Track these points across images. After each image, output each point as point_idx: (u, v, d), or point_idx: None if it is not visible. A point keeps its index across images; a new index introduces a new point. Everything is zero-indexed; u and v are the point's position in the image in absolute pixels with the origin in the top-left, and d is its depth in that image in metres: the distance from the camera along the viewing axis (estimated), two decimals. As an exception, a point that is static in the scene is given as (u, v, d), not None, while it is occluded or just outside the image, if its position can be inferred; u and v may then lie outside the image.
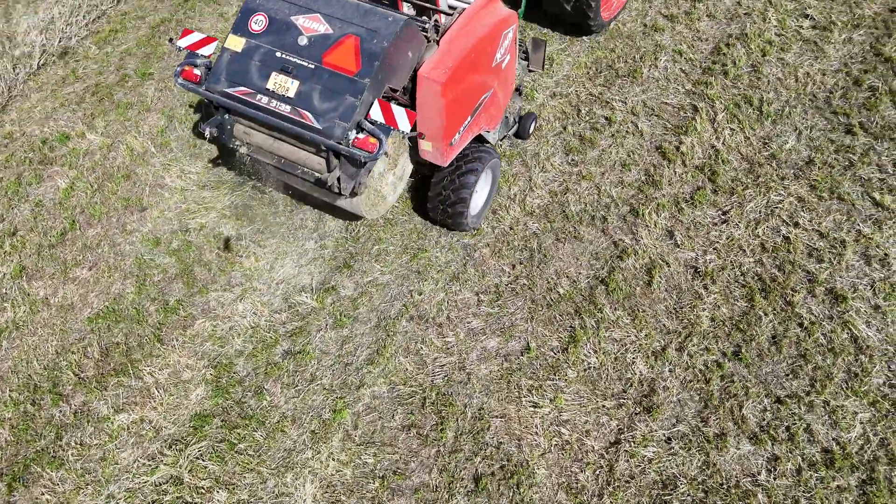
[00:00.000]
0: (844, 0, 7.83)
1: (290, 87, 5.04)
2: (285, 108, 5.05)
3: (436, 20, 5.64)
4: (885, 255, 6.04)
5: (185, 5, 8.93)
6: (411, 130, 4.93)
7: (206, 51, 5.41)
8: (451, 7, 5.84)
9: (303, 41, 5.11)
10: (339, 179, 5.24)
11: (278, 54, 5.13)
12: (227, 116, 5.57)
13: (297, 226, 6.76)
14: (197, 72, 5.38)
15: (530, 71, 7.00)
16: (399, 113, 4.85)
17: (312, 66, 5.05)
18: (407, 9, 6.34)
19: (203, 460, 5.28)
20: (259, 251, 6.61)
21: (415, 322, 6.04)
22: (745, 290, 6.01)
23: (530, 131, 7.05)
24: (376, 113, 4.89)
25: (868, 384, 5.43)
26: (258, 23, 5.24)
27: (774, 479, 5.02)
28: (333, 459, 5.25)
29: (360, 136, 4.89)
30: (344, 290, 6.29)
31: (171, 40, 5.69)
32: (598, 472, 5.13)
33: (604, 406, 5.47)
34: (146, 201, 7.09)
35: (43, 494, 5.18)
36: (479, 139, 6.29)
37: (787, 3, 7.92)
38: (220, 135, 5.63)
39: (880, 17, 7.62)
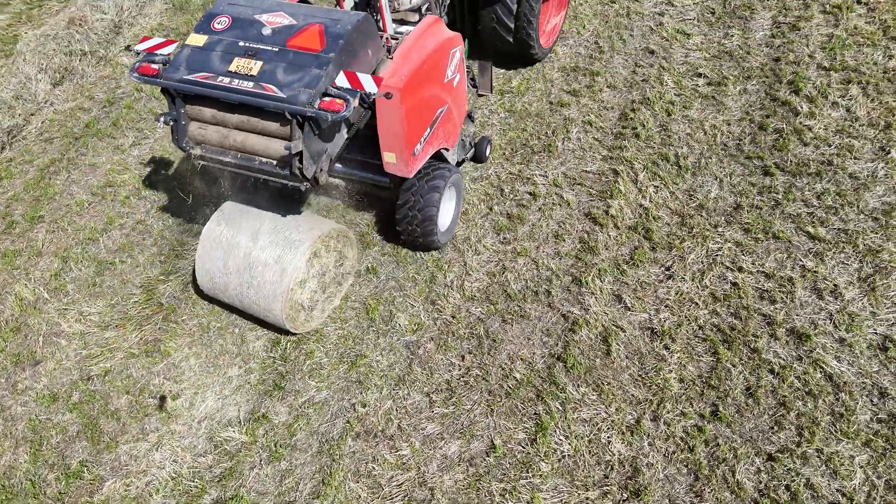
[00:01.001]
0: (731, 56, 8.20)
1: (253, 67, 4.88)
2: (248, 85, 4.82)
3: (386, 40, 5.78)
4: (835, 286, 5.89)
5: (76, 143, 8.44)
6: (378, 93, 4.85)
7: (164, 51, 5.14)
8: (397, 32, 6.05)
9: (266, 31, 5.04)
10: (301, 159, 4.89)
11: (241, 43, 5.02)
12: (182, 111, 5.19)
13: (216, 353, 6.05)
14: (154, 66, 5.05)
15: (480, 95, 7.29)
16: (364, 77, 4.74)
17: (276, 49, 4.93)
18: None
19: None
20: (175, 388, 5.82)
21: (362, 439, 5.33)
22: (706, 343, 5.67)
23: (487, 154, 7.36)
24: (342, 81, 4.76)
25: (856, 423, 5.06)
26: (221, 23, 5.18)
27: (790, 547, 4.46)
28: None
29: (326, 99, 4.70)
30: (277, 417, 5.54)
31: (128, 47, 5.38)
32: (597, 579, 4.42)
33: (587, 498, 4.84)
34: (40, 353, 6.25)
35: None
36: (440, 160, 6.45)
37: (678, 67, 8.21)
38: (174, 133, 5.30)
39: (767, 67, 7.98)
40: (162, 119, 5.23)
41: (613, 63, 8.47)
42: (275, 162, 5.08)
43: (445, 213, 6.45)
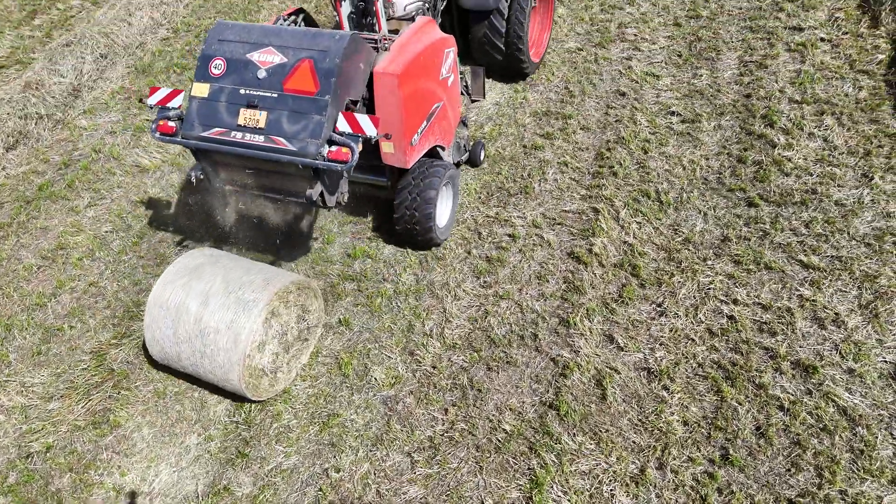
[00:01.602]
0: (702, 95, 8.15)
1: (259, 118, 5.16)
2: (259, 139, 5.14)
3: (382, 38, 5.93)
4: (836, 314, 5.56)
5: (27, 207, 7.97)
6: (378, 134, 5.06)
7: (175, 102, 5.49)
8: (391, 33, 6.24)
9: (262, 74, 5.23)
10: (322, 194, 5.29)
11: (242, 91, 5.26)
12: (205, 161, 5.61)
13: (173, 420, 5.46)
14: (171, 124, 5.43)
15: (473, 101, 7.73)
16: (363, 120, 5.01)
17: (275, 95, 5.17)
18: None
19: None
20: (125, 462, 5.19)
21: (337, 508, 4.74)
22: (708, 381, 5.25)
23: (481, 158, 7.55)
24: (343, 125, 5.04)
25: (878, 459, 4.63)
26: (217, 67, 5.38)
27: None
28: None
29: (333, 149, 5.01)
30: (240, 489, 4.93)
31: (141, 100, 5.80)
32: None
33: (594, 562, 4.28)
34: (-27, 432, 5.58)
35: None
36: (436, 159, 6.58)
37: (650, 107, 8.12)
38: (206, 179, 5.74)
39: (739, 103, 7.92)
40: (193, 174, 5.64)
41: (585, 106, 8.37)
42: (300, 195, 5.40)
43: (443, 211, 6.52)
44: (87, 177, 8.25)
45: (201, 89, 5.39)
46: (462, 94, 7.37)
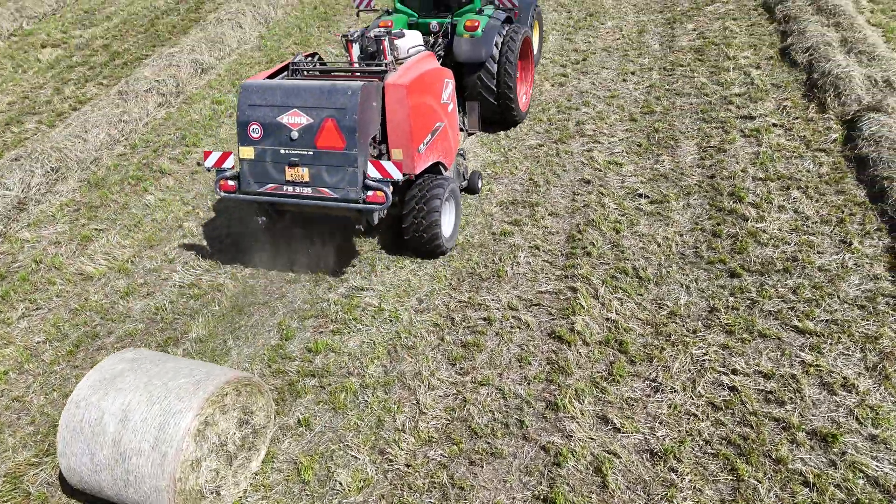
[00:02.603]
0: (666, 178, 8.13)
1: (303, 173, 6.17)
2: (307, 191, 6.22)
3: (389, 63, 6.80)
4: (844, 378, 5.12)
5: (-46, 321, 7.23)
6: (403, 176, 6.12)
7: (228, 164, 6.52)
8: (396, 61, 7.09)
9: (294, 135, 6.13)
10: (365, 221, 6.36)
11: (282, 151, 6.21)
12: (267, 207, 6.76)
13: (96, 549, 4.54)
14: (231, 182, 6.49)
15: (470, 134, 8.64)
16: (389, 166, 6.02)
17: (311, 153, 6.12)
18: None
19: None
20: None
21: None
22: (720, 460, 4.64)
23: (479, 186, 8.26)
24: (373, 171, 6.05)
25: (926, 534, 4.00)
26: (255, 131, 6.27)
27: None
28: None
29: (370, 193, 6.07)
30: None
31: (199, 163, 6.91)
32: None
33: None
34: None
35: None
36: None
37: (617, 191, 8.03)
38: (269, 218, 6.91)
39: (705, 183, 7.88)
40: (261, 221, 6.87)
41: (551, 194, 8.24)
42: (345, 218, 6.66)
43: (447, 221, 7.12)
44: (24, 287, 7.61)
45: (247, 152, 6.31)
46: (460, 129, 8.01)
